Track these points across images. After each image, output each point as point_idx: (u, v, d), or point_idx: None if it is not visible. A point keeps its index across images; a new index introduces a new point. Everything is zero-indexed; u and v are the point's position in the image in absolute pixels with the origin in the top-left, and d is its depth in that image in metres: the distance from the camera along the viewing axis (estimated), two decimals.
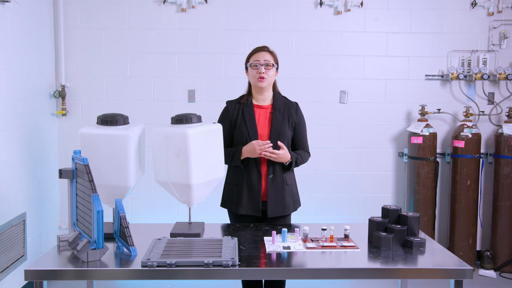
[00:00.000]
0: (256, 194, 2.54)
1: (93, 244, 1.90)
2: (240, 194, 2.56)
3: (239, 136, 2.57)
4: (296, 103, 2.68)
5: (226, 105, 2.67)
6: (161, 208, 4.01)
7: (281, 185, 2.57)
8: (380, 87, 4.08)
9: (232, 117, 2.60)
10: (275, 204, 2.56)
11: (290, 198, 2.61)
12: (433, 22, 4.04)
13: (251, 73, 2.57)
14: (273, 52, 2.62)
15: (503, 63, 4.07)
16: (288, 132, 2.59)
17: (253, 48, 2.64)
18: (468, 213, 3.91)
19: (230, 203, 2.62)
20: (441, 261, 2.03)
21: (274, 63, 2.57)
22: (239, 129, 2.57)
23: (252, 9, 3.97)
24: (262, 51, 2.59)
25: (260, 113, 2.60)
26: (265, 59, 2.55)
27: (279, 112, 2.58)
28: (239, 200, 2.56)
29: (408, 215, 2.22)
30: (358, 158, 4.10)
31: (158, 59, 3.96)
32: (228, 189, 2.65)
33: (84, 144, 2.25)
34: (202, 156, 2.29)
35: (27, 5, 3.38)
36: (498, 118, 4.10)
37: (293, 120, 2.62)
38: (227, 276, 1.90)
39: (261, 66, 2.53)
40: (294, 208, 2.65)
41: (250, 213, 2.55)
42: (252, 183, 2.54)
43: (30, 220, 3.40)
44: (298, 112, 2.65)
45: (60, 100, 3.88)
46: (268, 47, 2.62)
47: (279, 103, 2.61)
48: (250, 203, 2.55)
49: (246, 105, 2.60)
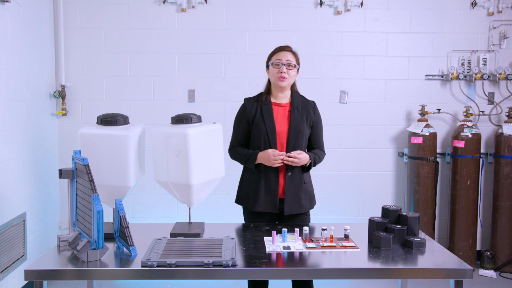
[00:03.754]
0: (274, 191, 2.53)
1: (93, 244, 1.90)
2: (257, 192, 2.54)
3: (257, 133, 2.56)
4: (313, 102, 2.67)
5: (244, 103, 2.65)
6: (161, 208, 4.01)
7: (299, 183, 2.56)
8: (380, 87, 4.08)
9: (250, 114, 2.59)
10: (293, 202, 2.55)
11: (307, 197, 2.60)
12: (433, 22, 4.04)
13: (272, 71, 2.56)
14: (296, 52, 2.61)
15: (503, 63, 4.07)
16: (306, 130, 2.58)
17: (276, 47, 2.62)
18: (468, 213, 3.91)
19: (246, 200, 2.61)
20: (441, 261, 2.03)
21: (296, 64, 2.57)
22: (257, 126, 2.56)
23: (252, 9, 3.97)
24: (285, 50, 2.57)
25: (278, 111, 2.59)
26: (287, 59, 2.54)
27: (297, 110, 2.58)
28: (256, 198, 2.55)
29: (408, 215, 2.22)
30: (358, 158, 4.09)
31: (158, 59, 3.96)
32: (244, 186, 2.64)
33: (84, 144, 2.25)
34: (202, 156, 2.29)
35: (27, 5, 3.38)
36: (498, 118, 4.10)
37: (311, 118, 2.61)
38: (227, 276, 1.90)
39: (282, 66, 2.52)
40: (310, 206, 2.63)
41: (267, 210, 2.54)
42: (269, 181, 2.53)
43: (30, 220, 3.40)
44: (316, 111, 2.65)
45: (60, 100, 3.88)
46: (291, 47, 2.61)
47: (297, 101, 2.61)
48: (267, 201, 2.53)
49: (264, 103, 2.59)
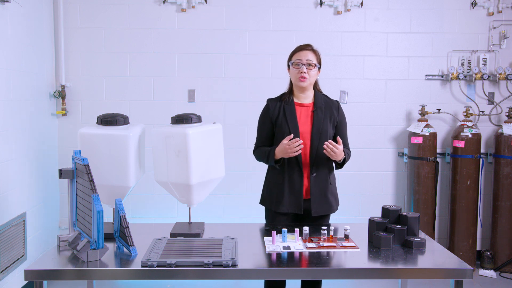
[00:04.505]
0: (298, 192, 2.51)
1: (93, 244, 1.90)
2: (282, 193, 2.53)
3: (280, 134, 2.53)
4: (337, 101, 2.65)
5: (267, 103, 2.63)
6: (161, 208, 4.01)
7: (325, 184, 2.55)
8: (380, 87, 4.08)
9: (273, 115, 2.57)
10: (320, 202, 2.53)
11: (333, 198, 2.59)
12: (433, 22, 4.04)
13: (293, 72, 2.55)
14: (316, 51, 2.57)
15: (503, 63, 4.07)
16: (330, 130, 2.56)
17: (296, 46, 2.60)
18: (468, 213, 3.91)
19: (270, 201, 2.59)
20: (441, 261, 2.03)
21: (316, 63, 2.54)
22: (280, 127, 2.54)
23: (252, 9, 3.97)
24: (305, 50, 2.54)
25: (301, 111, 2.57)
26: (308, 58, 2.51)
27: (320, 111, 2.55)
28: (280, 198, 2.54)
29: (408, 215, 2.22)
30: (358, 158, 4.09)
31: (158, 59, 3.96)
32: (268, 187, 2.62)
33: (84, 144, 2.25)
34: (202, 156, 2.29)
35: (27, 5, 3.38)
36: (498, 118, 4.10)
37: (335, 118, 2.59)
38: (227, 276, 1.90)
39: (303, 66, 2.50)
40: (336, 207, 2.62)
41: (291, 211, 2.52)
42: (293, 181, 2.51)
43: (30, 220, 3.40)
44: (339, 110, 2.63)
45: (60, 100, 3.88)
46: (311, 45, 2.58)
47: (320, 101, 2.58)
48: (292, 201, 2.52)
49: (287, 103, 2.57)
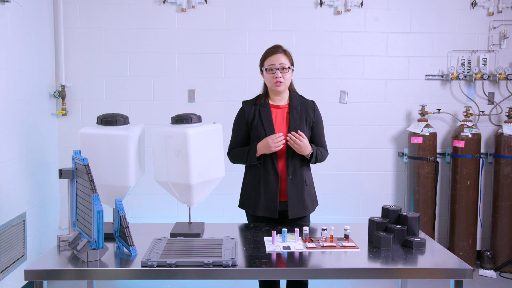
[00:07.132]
0: (273, 195, 2.49)
1: (93, 244, 1.90)
2: (258, 196, 2.52)
3: (256, 136, 2.52)
4: (313, 102, 2.63)
5: (242, 106, 2.62)
6: (161, 208, 4.01)
7: (301, 186, 2.53)
8: (380, 87, 4.08)
9: (249, 117, 2.56)
10: (296, 205, 2.51)
11: (309, 199, 2.57)
12: (433, 22, 4.04)
13: (267, 77, 2.52)
14: (287, 51, 2.54)
15: (503, 63, 4.07)
16: (306, 131, 2.54)
17: (267, 49, 2.56)
18: (468, 213, 3.91)
19: (247, 205, 2.58)
20: (441, 261, 2.03)
21: (289, 65, 2.51)
22: (256, 129, 2.53)
23: (252, 9, 3.97)
24: (276, 53, 2.50)
25: (277, 113, 2.56)
26: (281, 62, 2.48)
27: (296, 112, 2.54)
28: (256, 202, 2.52)
29: (408, 215, 2.22)
30: (358, 158, 4.09)
31: (158, 59, 3.96)
32: (246, 190, 2.61)
33: (84, 144, 2.25)
34: (202, 156, 2.29)
35: (27, 5, 3.38)
36: (498, 118, 4.10)
37: (311, 119, 2.58)
38: (227, 276, 1.90)
39: (277, 71, 2.48)
40: (313, 208, 2.60)
41: (267, 214, 2.51)
42: (269, 184, 2.50)
43: (30, 220, 3.40)
44: (315, 110, 2.61)
45: (60, 100, 3.88)
46: (281, 46, 2.55)
47: (296, 102, 2.57)
48: (267, 205, 2.50)
49: (262, 106, 2.56)
